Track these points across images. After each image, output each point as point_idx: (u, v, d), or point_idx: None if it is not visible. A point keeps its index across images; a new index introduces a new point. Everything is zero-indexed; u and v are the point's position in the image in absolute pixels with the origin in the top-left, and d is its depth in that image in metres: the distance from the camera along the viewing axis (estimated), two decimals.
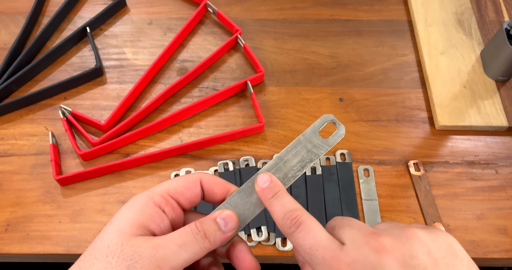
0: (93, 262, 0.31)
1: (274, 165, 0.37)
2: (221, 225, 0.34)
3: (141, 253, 0.30)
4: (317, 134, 0.38)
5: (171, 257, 0.31)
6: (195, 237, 0.32)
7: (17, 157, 0.63)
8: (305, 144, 0.37)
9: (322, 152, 0.37)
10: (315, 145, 0.38)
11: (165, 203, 0.34)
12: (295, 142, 0.38)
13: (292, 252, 0.50)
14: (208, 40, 0.76)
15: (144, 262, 0.30)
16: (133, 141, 0.65)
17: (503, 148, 0.66)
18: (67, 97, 0.69)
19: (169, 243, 0.31)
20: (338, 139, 0.38)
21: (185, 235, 0.32)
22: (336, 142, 0.38)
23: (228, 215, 0.34)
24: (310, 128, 0.38)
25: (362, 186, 0.62)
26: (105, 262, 0.30)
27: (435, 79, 0.70)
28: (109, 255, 0.30)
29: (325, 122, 0.38)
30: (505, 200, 0.61)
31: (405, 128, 0.67)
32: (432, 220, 0.59)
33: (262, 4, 0.80)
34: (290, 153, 0.37)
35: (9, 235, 0.57)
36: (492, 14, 0.78)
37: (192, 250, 0.32)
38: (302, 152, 0.37)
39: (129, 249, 0.30)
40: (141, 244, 0.31)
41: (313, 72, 0.73)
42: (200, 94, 0.70)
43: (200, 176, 0.36)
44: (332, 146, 0.38)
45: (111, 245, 0.31)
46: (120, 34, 0.76)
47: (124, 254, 0.30)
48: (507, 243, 0.58)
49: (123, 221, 0.32)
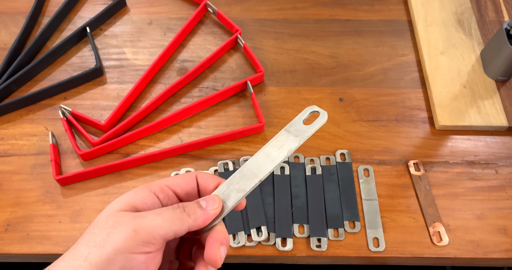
0: (83, 236, 0.34)
1: (261, 157, 0.38)
2: (202, 204, 0.36)
3: (121, 221, 0.33)
4: (302, 123, 0.39)
5: (148, 223, 0.33)
6: (173, 210, 0.35)
7: (17, 157, 0.63)
8: (288, 134, 0.39)
9: (306, 136, 0.39)
10: (301, 131, 0.39)
11: (160, 190, 0.36)
12: (279, 133, 0.39)
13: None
14: (208, 40, 0.76)
15: (122, 227, 0.33)
16: (133, 141, 0.65)
17: (503, 148, 0.66)
18: (67, 97, 0.69)
19: (149, 213, 0.34)
20: (320, 124, 0.39)
21: (165, 209, 0.35)
22: (318, 127, 0.39)
23: (210, 197, 0.36)
24: (294, 120, 0.39)
25: (362, 186, 0.62)
26: (91, 233, 0.33)
27: (435, 79, 0.70)
28: (95, 227, 0.34)
29: (308, 112, 0.40)
30: (505, 200, 0.61)
31: (405, 128, 0.67)
32: (432, 220, 0.59)
33: (262, 4, 0.80)
34: (274, 144, 0.39)
35: (9, 235, 0.57)
36: (492, 14, 0.78)
37: (170, 222, 0.34)
38: (285, 140, 0.39)
39: (112, 219, 0.33)
40: (124, 215, 0.34)
41: (313, 72, 0.73)
42: (200, 94, 0.70)
43: (195, 172, 0.39)
44: (315, 131, 0.39)
45: (99, 220, 0.34)
46: (120, 34, 0.76)
47: (107, 224, 0.33)
48: (507, 243, 0.58)
49: (116, 202, 0.35)
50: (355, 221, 0.59)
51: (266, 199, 0.60)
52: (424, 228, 0.59)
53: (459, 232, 0.58)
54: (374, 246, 0.57)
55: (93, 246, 0.32)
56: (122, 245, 0.32)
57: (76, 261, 0.32)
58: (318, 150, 0.65)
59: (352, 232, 0.58)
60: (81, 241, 0.33)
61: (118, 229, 0.33)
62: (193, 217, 0.35)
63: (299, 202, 0.60)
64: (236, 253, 0.57)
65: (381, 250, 0.57)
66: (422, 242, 0.58)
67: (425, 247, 0.57)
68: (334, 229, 0.58)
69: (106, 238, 0.32)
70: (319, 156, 0.64)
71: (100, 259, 0.32)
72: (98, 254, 0.32)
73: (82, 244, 0.33)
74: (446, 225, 0.59)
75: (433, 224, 0.59)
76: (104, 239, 0.32)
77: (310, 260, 0.58)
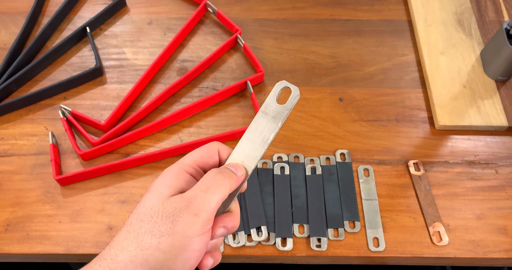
0: (141, 224, 0.35)
1: (246, 142, 0.40)
2: (233, 170, 0.39)
3: (179, 208, 0.35)
4: (276, 103, 0.40)
5: (202, 203, 0.35)
6: (215, 179, 0.37)
7: (17, 157, 0.63)
8: (266, 117, 0.40)
9: (284, 116, 0.40)
10: (278, 112, 0.40)
11: (196, 172, 0.39)
12: (257, 116, 0.40)
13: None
14: (208, 40, 0.76)
15: (183, 214, 0.35)
16: (133, 141, 0.65)
17: (503, 148, 0.66)
18: (67, 97, 0.69)
19: (197, 192, 0.36)
20: (295, 101, 0.40)
21: (207, 180, 0.37)
22: (293, 104, 0.40)
23: (234, 163, 0.40)
24: (266, 100, 0.40)
25: (362, 186, 0.62)
26: (152, 222, 0.35)
27: (435, 79, 0.70)
28: (153, 215, 0.35)
29: (279, 89, 0.40)
30: (505, 200, 0.61)
31: (405, 128, 0.67)
32: (432, 220, 0.59)
33: (262, 4, 0.80)
34: (256, 127, 0.40)
35: (9, 235, 0.57)
36: (492, 14, 0.78)
37: (216, 191, 0.36)
38: (266, 123, 0.40)
39: (169, 206, 0.35)
40: (177, 200, 0.35)
41: (313, 72, 0.73)
42: (200, 94, 0.70)
43: (217, 146, 0.41)
44: (291, 109, 0.40)
45: (153, 207, 0.35)
46: (120, 34, 0.76)
47: (166, 212, 0.35)
48: (507, 243, 0.58)
49: (161, 187, 0.37)
50: (355, 221, 0.59)
51: (266, 199, 0.60)
52: (424, 228, 0.59)
53: (459, 232, 0.58)
54: (374, 246, 0.57)
55: (161, 236, 0.34)
56: (190, 230, 0.34)
57: (146, 251, 0.34)
58: (318, 150, 0.65)
59: (352, 232, 0.58)
60: (141, 231, 0.35)
61: (180, 216, 0.34)
62: (229, 180, 0.38)
63: (299, 202, 0.60)
64: (236, 253, 0.57)
65: (381, 250, 0.57)
66: (422, 242, 0.58)
67: (425, 247, 0.57)
68: (334, 229, 0.58)
69: (172, 227, 0.34)
70: (319, 156, 0.64)
71: (173, 247, 0.34)
72: (169, 242, 0.34)
73: (146, 234, 0.34)
74: (446, 225, 0.59)
75: (433, 224, 0.59)
76: (170, 228, 0.34)
77: (310, 260, 0.58)
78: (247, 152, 0.40)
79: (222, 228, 0.38)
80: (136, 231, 0.35)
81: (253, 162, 0.40)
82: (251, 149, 0.40)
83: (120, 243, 0.35)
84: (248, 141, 0.40)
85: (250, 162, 0.40)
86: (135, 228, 0.35)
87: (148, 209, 0.35)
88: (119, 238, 0.35)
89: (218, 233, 0.38)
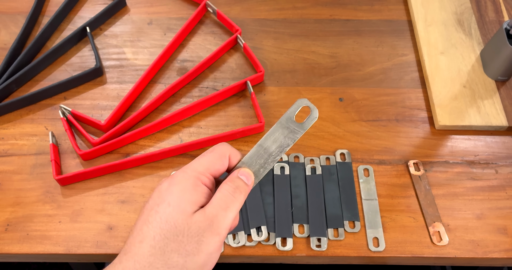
0: (167, 242, 0.36)
1: (255, 153, 0.41)
2: (245, 180, 0.40)
3: (203, 227, 0.37)
4: (293, 120, 0.41)
5: (223, 223, 0.37)
6: (233, 196, 0.39)
7: (17, 157, 0.63)
8: (283, 131, 0.41)
9: (298, 137, 0.41)
10: (292, 130, 0.41)
11: (210, 182, 0.40)
12: (273, 129, 0.41)
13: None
14: (208, 40, 0.76)
15: (207, 234, 0.37)
16: (133, 141, 0.65)
17: (503, 147, 0.66)
18: (67, 97, 0.69)
19: (218, 210, 0.38)
20: (312, 123, 0.42)
21: (226, 197, 0.38)
22: (310, 126, 0.42)
23: (246, 171, 0.41)
24: (285, 114, 0.42)
25: (362, 186, 0.62)
26: (178, 241, 0.36)
27: (435, 79, 0.70)
28: (179, 234, 0.36)
29: (300, 106, 0.42)
30: (505, 200, 0.61)
31: (405, 128, 0.67)
32: (432, 220, 0.59)
33: (262, 4, 0.80)
34: (269, 139, 0.41)
35: (9, 235, 0.57)
36: (492, 14, 0.78)
37: (234, 208, 0.38)
38: (280, 138, 0.41)
39: (193, 226, 0.36)
40: (201, 219, 0.37)
41: (313, 72, 0.73)
42: (200, 94, 0.70)
43: (228, 151, 0.41)
44: (306, 130, 0.41)
45: (178, 226, 0.36)
46: (120, 34, 0.76)
47: (191, 232, 0.36)
48: (507, 243, 0.58)
49: (183, 202, 0.37)
50: (355, 221, 0.59)
51: (266, 199, 0.60)
52: (424, 228, 0.59)
53: (459, 232, 0.59)
54: (374, 246, 0.57)
55: (187, 255, 0.36)
56: (213, 249, 0.37)
57: (173, 269, 0.36)
58: (318, 150, 0.65)
59: (352, 232, 0.58)
60: (167, 249, 0.36)
61: (204, 236, 0.37)
62: (245, 194, 0.40)
63: (299, 202, 0.60)
64: (236, 253, 0.57)
65: (381, 250, 0.57)
66: (422, 242, 0.58)
67: (425, 247, 0.57)
68: (334, 229, 0.58)
69: (198, 247, 0.36)
70: (319, 156, 0.64)
71: (197, 265, 0.36)
72: (194, 261, 0.36)
73: (173, 252, 0.36)
74: (446, 225, 0.59)
75: (433, 224, 0.59)
76: (196, 247, 0.36)
77: (310, 260, 0.58)
78: (256, 160, 0.41)
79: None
80: (162, 249, 0.36)
81: (260, 172, 0.41)
82: (260, 157, 0.41)
83: (146, 259, 0.36)
84: (259, 148, 0.41)
85: (257, 171, 0.41)
86: (160, 245, 0.36)
87: (173, 227, 0.36)
88: (143, 253, 0.36)
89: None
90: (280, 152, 0.41)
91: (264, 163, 0.41)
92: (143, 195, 0.60)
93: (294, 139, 0.41)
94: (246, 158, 0.41)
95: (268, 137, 0.41)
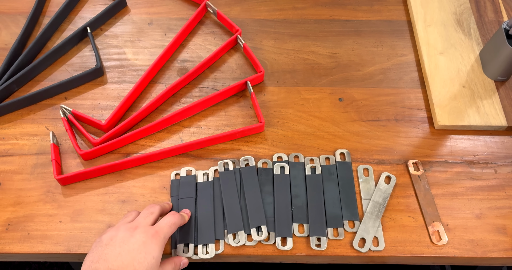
0: None
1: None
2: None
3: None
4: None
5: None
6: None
7: (18, 157, 0.63)
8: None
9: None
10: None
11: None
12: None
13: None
14: (208, 40, 0.76)
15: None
16: (134, 141, 0.65)
17: (502, 147, 0.66)
18: (67, 97, 0.69)
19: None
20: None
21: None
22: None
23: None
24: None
25: (361, 185, 0.62)
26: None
27: (434, 79, 0.71)
28: None
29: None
30: (504, 200, 0.61)
31: (405, 127, 0.67)
32: (432, 220, 0.59)
33: (262, 4, 0.81)
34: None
35: (10, 234, 0.57)
36: (491, 14, 0.79)
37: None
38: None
39: None
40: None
41: (312, 72, 0.73)
42: (200, 94, 0.70)
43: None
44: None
45: None
46: (121, 34, 0.76)
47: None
48: (506, 243, 0.58)
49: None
50: (355, 221, 0.59)
51: (266, 198, 0.60)
52: (423, 228, 0.59)
53: (458, 232, 0.59)
54: (374, 245, 0.57)
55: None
56: None
57: None
58: (317, 149, 0.65)
59: (351, 231, 0.58)
60: None
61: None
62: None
63: (299, 201, 0.60)
64: (236, 253, 0.57)
65: (381, 249, 0.57)
66: (422, 241, 0.58)
67: (424, 247, 0.58)
68: (333, 228, 0.58)
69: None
70: (318, 155, 0.64)
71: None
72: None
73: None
74: (445, 224, 0.59)
75: (432, 224, 0.59)
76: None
77: (310, 260, 0.58)
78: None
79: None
80: None
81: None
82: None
83: None
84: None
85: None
86: None
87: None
88: None
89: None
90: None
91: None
92: (143, 195, 0.61)
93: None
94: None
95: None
